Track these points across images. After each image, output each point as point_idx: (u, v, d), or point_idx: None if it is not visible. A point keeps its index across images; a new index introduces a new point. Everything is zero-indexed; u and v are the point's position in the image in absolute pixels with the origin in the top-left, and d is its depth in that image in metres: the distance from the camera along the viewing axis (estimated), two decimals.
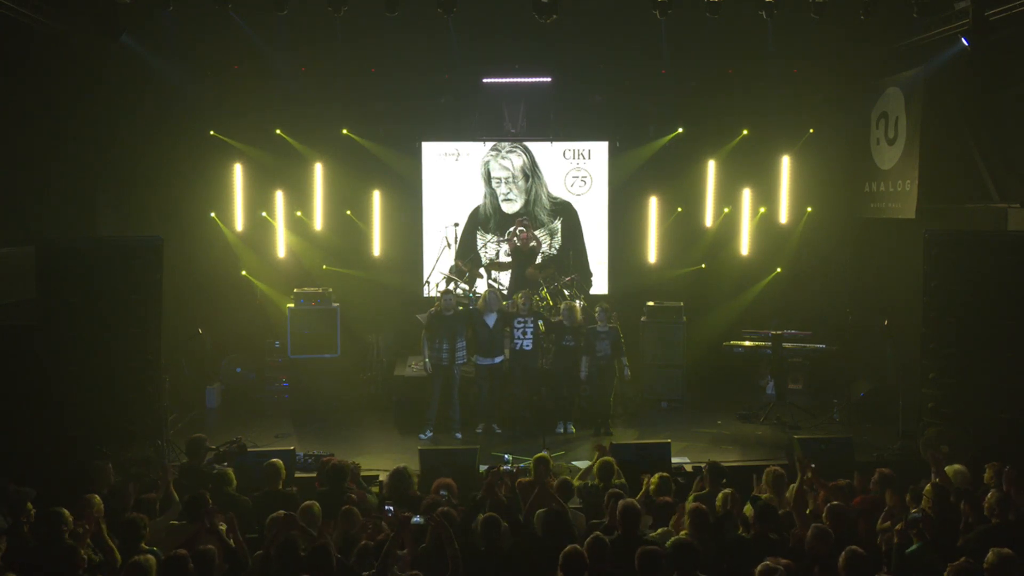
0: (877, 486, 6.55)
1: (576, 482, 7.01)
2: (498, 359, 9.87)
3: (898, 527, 5.58)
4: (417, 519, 5.36)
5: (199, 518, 5.65)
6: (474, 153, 12.53)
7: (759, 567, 4.76)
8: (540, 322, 9.89)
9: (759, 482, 6.74)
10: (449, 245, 11.93)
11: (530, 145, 12.53)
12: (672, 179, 12.43)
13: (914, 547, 5.43)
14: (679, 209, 12.48)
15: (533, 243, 11.53)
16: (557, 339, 9.82)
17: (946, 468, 6.73)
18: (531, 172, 12.57)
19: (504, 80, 12.09)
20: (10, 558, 5.34)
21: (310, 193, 12.12)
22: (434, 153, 12.52)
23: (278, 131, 11.89)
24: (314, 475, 7.46)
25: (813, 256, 12.35)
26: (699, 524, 5.59)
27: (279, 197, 12.00)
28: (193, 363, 11.25)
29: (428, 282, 11.54)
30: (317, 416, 10.52)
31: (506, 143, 12.50)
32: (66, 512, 5.47)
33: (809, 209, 12.26)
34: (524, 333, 9.76)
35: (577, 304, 10.20)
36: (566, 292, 11.17)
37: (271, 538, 5.29)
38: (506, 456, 7.67)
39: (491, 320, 9.75)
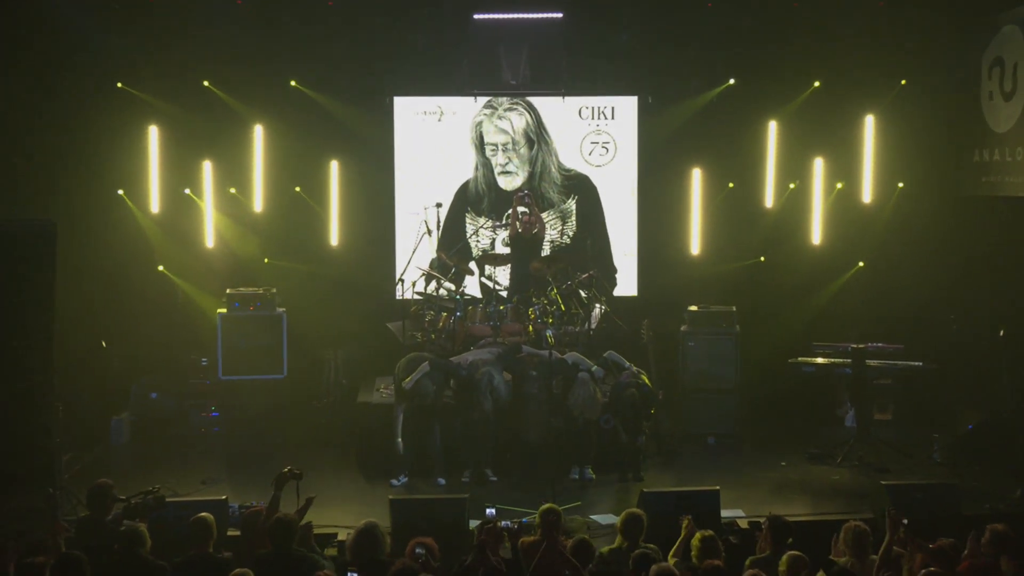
0: (989, 547, 6.54)
1: (604, 550, 6.98)
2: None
3: None
4: None
5: None
6: (462, 111, 12.53)
7: None
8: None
9: (836, 542, 6.75)
10: (429, 232, 11.92)
11: (535, 101, 12.54)
12: (721, 146, 12.45)
13: None
14: (731, 185, 12.50)
15: (537, 228, 11.52)
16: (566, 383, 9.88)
17: None
18: (537, 136, 12.57)
19: (502, 16, 12.09)
20: None
21: (248, 164, 12.14)
22: (410, 111, 12.53)
23: (206, 83, 11.89)
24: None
25: (906, 246, 12.33)
26: None
27: (207, 169, 12.00)
28: (95, 386, 11.24)
29: (402, 280, 11.50)
30: (256, 456, 10.49)
31: (504, 98, 12.50)
32: None
33: (901, 185, 12.27)
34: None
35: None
36: (582, 293, 11.16)
37: None
38: (489, 510, 7.54)
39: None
